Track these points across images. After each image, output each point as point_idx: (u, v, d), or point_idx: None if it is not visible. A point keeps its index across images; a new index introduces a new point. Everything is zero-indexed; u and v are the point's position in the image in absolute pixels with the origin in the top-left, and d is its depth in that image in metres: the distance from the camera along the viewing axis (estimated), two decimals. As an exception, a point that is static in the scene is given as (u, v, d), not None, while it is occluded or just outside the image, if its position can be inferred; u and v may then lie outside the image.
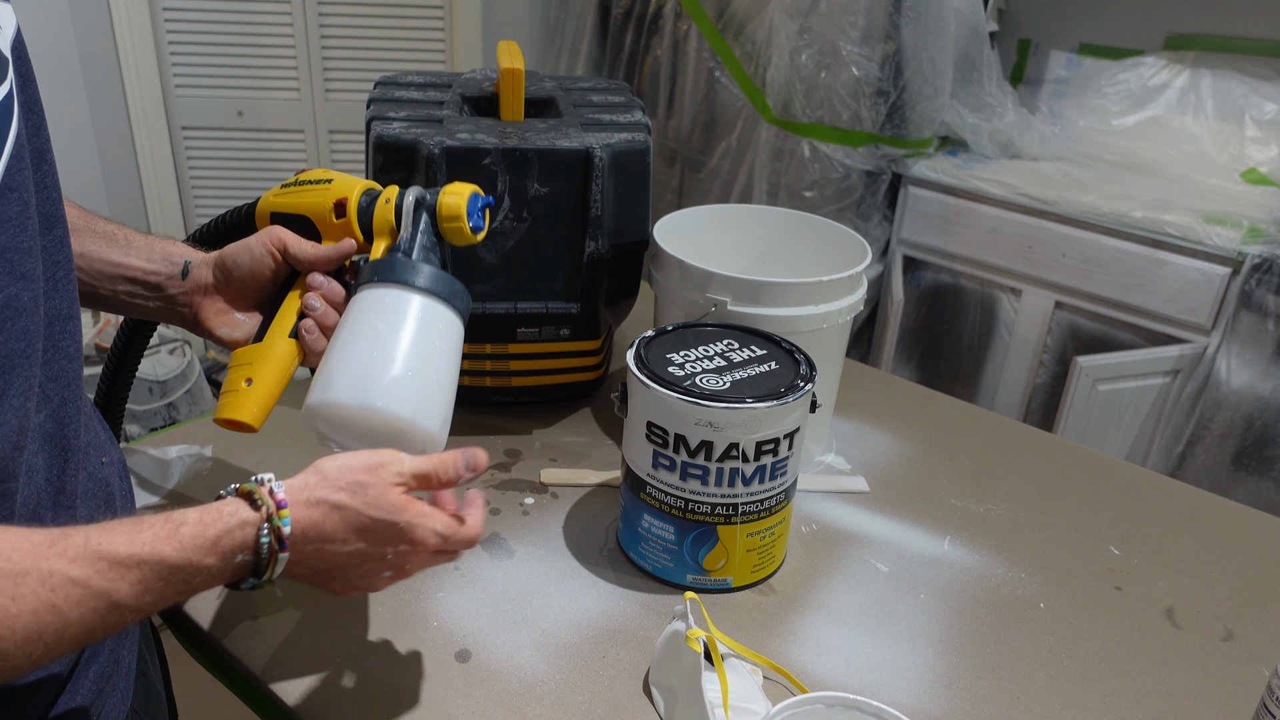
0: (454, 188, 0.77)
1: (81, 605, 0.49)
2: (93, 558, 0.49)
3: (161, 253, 0.79)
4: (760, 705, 0.73)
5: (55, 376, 0.59)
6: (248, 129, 2.71)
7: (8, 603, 0.46)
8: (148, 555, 0.51)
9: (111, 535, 0.51)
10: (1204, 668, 0.83)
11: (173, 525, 0.53)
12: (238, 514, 0.56)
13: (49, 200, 0.59)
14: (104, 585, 0.49)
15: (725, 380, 0.82)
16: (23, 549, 0.47)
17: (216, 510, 0.56)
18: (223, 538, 0.55)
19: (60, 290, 0.59)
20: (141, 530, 0.52)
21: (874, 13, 2.10)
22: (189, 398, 2.39)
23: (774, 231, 1.19)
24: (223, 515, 0.56)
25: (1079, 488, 1.08)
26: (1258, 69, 2.19)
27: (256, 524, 0.56)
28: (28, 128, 0.57)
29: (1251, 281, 1.86)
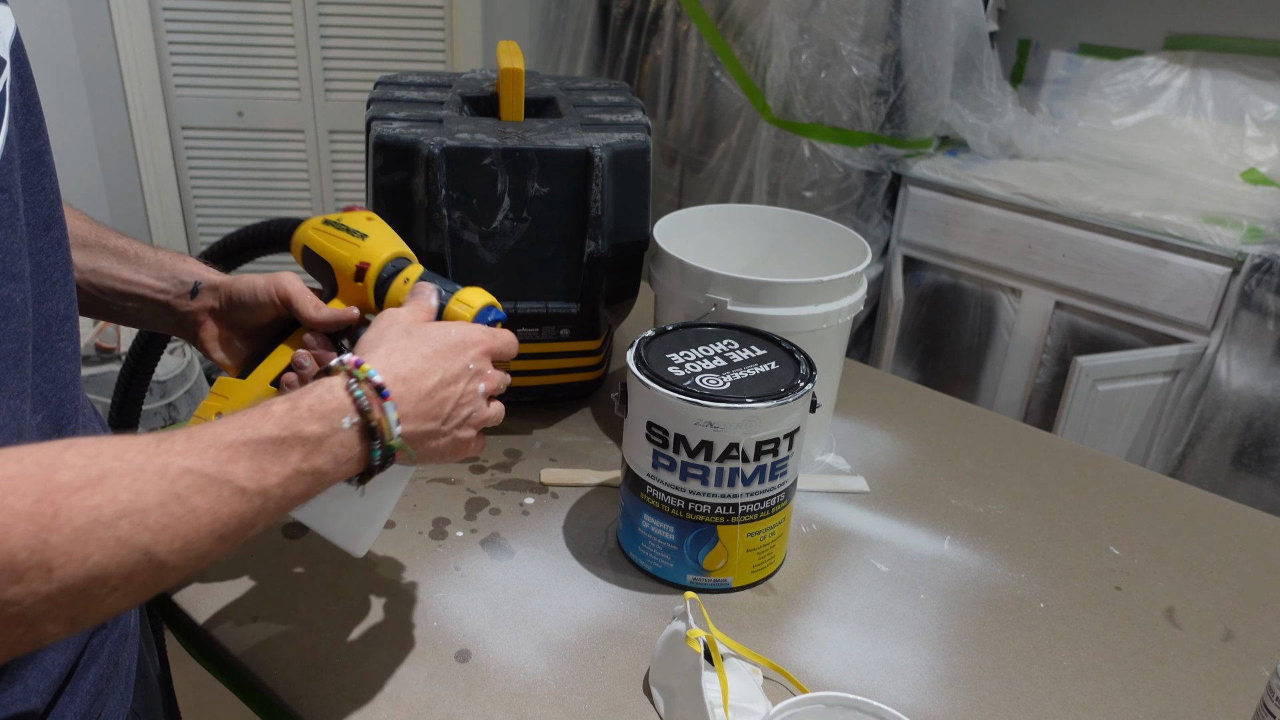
0: (468, 296, 0.76)
1: (205, 492, 0.49)
2: (201, 447, 0.50)
3: (172, 270, 0.80)
4: (760, 705, 0.73)
5: (52, 378, 0.59)
6: (248, 129, 2.71)
7: (134, 498, 0.46)
8: (250, 436, 0.52)
9: (210, 427, 0.52)
10: (1204, 668, 0.83)
11: (264, 408, 0.54)
12: (320, 381, 0.58)
13: (45, 202, 0.59)
14: (217, 469, 0.50)
15: (725, 380, 0.82)
16: (134, 448, 0.47)
17: (305, 387, 0.58)
18: (315, 404, 0.56)
19: (56, 292, 0.59)
20: (239, 418, 0.53)
21: (874, 13, 2.10)
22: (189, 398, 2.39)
23: (774, 231, 1.19)
24: (310, 388, 0.57)
25: (1079, 488, 1.08)
26: (1258, 69, 2.19)
27: (342, 381, 0.58)
28: (25, 129, 0.57)
29: (1251, 281, 1.86)
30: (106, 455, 0.47)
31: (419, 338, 0.65)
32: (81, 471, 0.45)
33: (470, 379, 0.66)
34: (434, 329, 0.67)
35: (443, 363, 0.64)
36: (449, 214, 1.00)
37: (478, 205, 1.00)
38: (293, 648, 0.78)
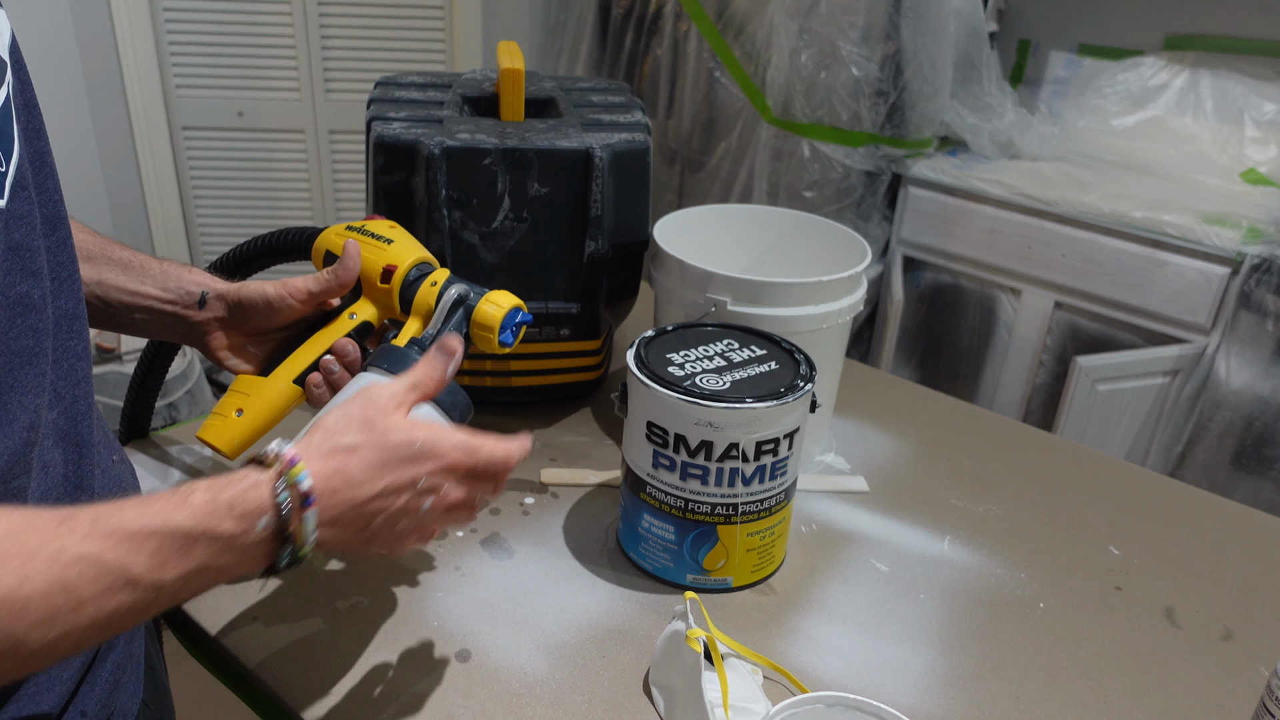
0: (498, 298, 0.77)
1: (96, 583, 0.47)
2: (103, 533, 0.48)
3: (177, 281, 0.79)
4: (760, 705, 0.73)
5: (65, 375, 0.59)
6: (248, 129, 2.71)
7: (18, 584, 0.44)
8: (159, 525, 0.49)
9: (121, 510, 0.49)
10: (1204, 667, 0.83)
11: (183, 494, 0.52)
12: (248, 475, 0.54)
13: (51, 202, 0.59)
14: (116, 559, 0.48)
15: (725, 380, 0.82)
16: (31, 528, 0.46)
17: (227, 476, 0.54)
18: (236, 501, 0.53)
19: (66, 291, 0.60)
20: (152, 503, 0.51)
21: (874, 13, 2.10)
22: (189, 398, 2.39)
23: (774, 231, 1.19)
24: (233, 479, 0.54)
25: (1079, 488, 1.08)
26: (1258, 69, 2.19)
27: (269, 481, 0.54)
28: (28, 131, 0.57)
29: (1251, 281, 1.86)
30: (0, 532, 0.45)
31: (375, 440, 0.59)
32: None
33: (415, 495, 0.61)
34: (398, 431, 0.60)
35: (389, 474, 0.59)
36: (449, 214, 1.00)
37: (478, 205, 1.00)
38: (293, 648, 0.78)
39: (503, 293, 0.77)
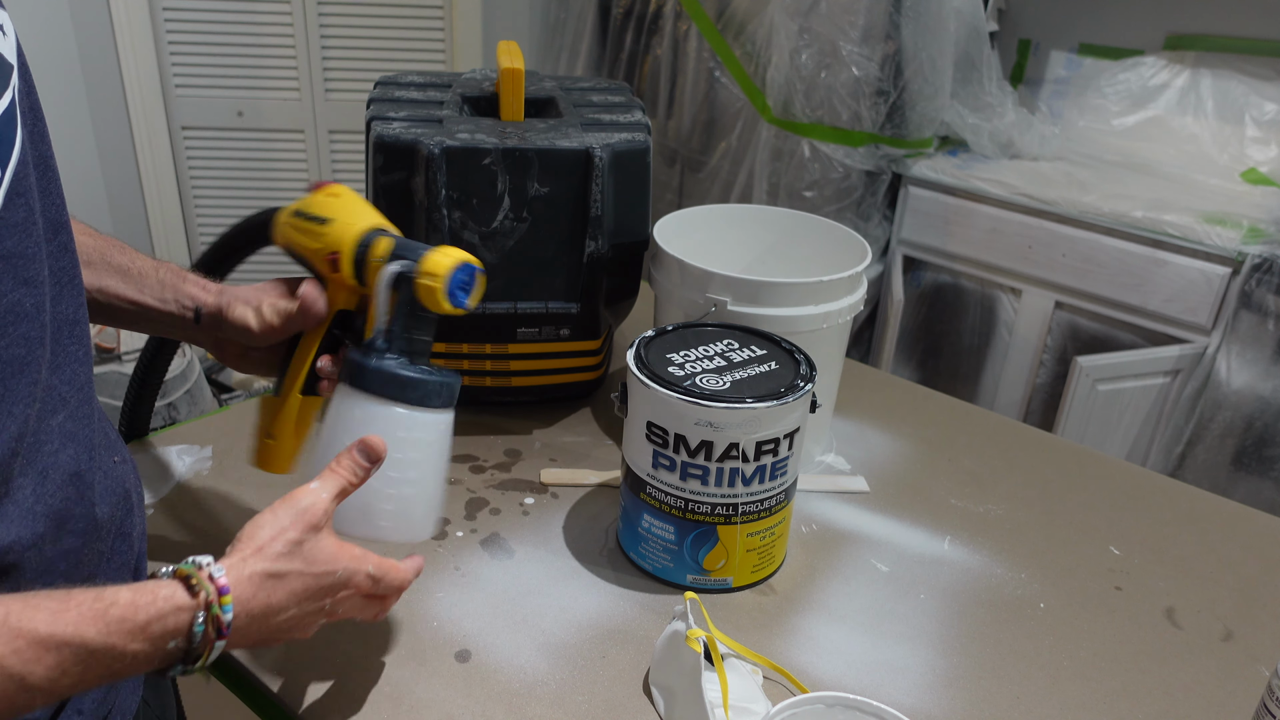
0: (433, 264, 0.71)
1: (6, 687, 0.46)
2: (11, 635, 0.47)
3: (174, 292, 0.79)
4: (760, 705, 0.73)
5: (69, 380, 0.59)
6: (248, 129, 2.71)
7: None
8: (70, 636, 0.49)
9: (34, 611, 0.48)
10: (1204, 667, 0.83)
11: (102, 605, 0.51)
12: (172, 598, 0.54)
13: (53, 206, 0.59)
14: (18, 667, 0.47)
15: (725, 380, 0.82)
16: None
17: (151, 592, 0.53)
18: (153, 622, 0.52)
19: (67, 295, 0.60)
20: (68, 608, 0.49)
21: (874, 13, 2.10)
22: (189, 398, 2.39)
23: (774, 231, 1.19)
24: (156, 598, 0.53)
25: (1079, 488, 1.08)
26: (1258, 69, 2.19)
27: (192, 610, 0.54)
28: (34, 134, 0.57)
29: (1251, 281, 1.86)
30: None
31: (302, 569, 0.61)
32: None
33: (321, 612, 0.63)
34: (322, 559, 0.62)
35: (308, 601, 0.61)
36: (449, 214, 1.00)
37: (478, 205, 1.00)
38: (293, 648, 0.78)
39: (440, 251, 0.71)
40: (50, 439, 0.58)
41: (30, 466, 0.56)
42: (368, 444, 0.66)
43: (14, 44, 0.56)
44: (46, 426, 0.57)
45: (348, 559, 0.63)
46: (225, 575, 0.56)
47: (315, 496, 0.63)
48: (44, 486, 0.56)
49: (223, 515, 0.94)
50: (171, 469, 1.00)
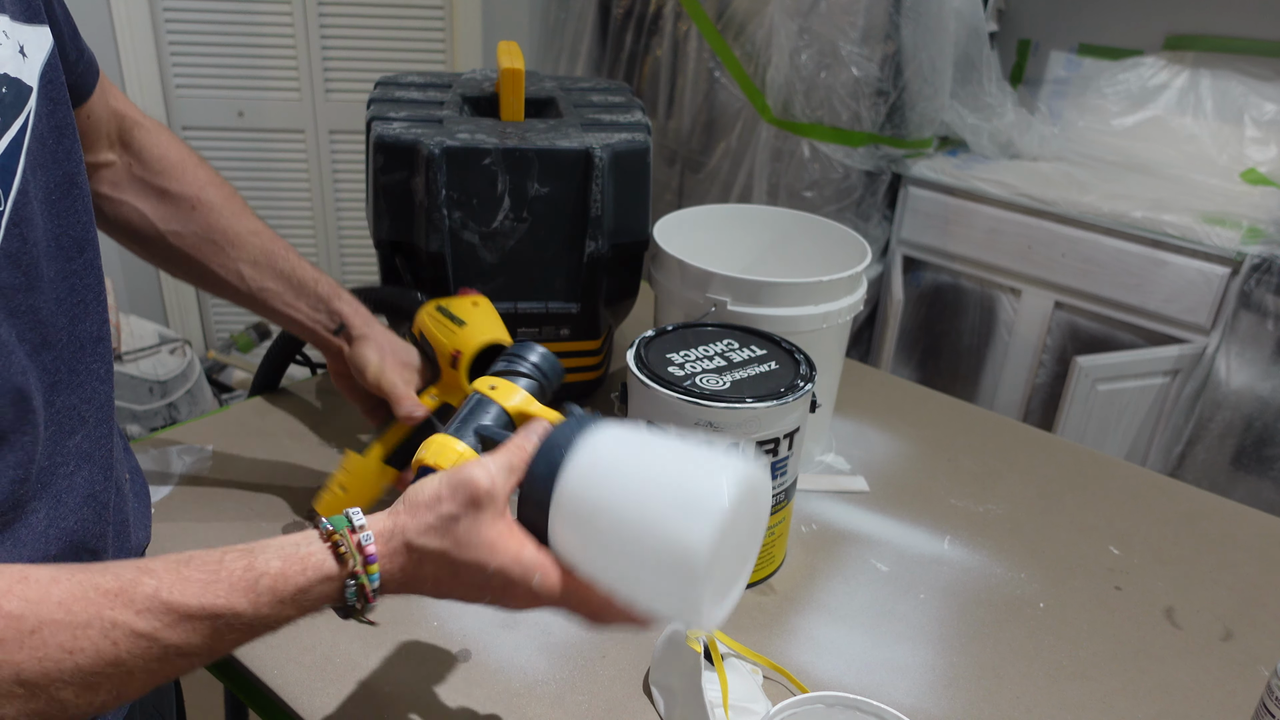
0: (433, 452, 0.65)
1: (148, 657, 0.46)
2: (161, 609, 0.47)
3: (327, 306, 0.88)
4: (760, 705, 0.73)
5: (89, 398, 0.60)
6: (248, 129, 2.71)
7: (64, 656, 0.44)
8: (222, 608, 0.48)
9: (185, 584, 0.48)
10: (1203, 667, 0.83)
11: (252, 576, 0.50)
12: (321, 567, 0.52)
13: (78, 225, 0.60)
14: (172, 639, 0.47)
15: (725, 380, 0.82)
16: (85, 599, 0.45)
17: (300, 560, 0.52)
18: (302, 593, 0.52)
19: (90, 314, 0.60)
20: (218, 579, 0.49)
21: (874, 13, 2.10)
22: (189, 398, 2.39)
23: (774, 231, 1.19)
24: (306, 568, 0.52)
25: (1079, 488, 1.08)
26: (1258, 69, 2.19)
27: (340, 579, 0.52)
28: (57, 153, 0.57)
29: (1251, 281, 1.86)
30: (50, 603, 0.44)
31: (451, 551, 0.54)
32: (15, 623, 0.43)
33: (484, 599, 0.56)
34: (475, 548, 0.54)
35: (453, 589, 0.56)
36: (449, 214, 1.00)
37: (478, 205, 1.00)
38: (293, 648, 0.78)
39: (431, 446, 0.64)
40: (67, 461, 0.58)
41: (45, 490, 0.55)
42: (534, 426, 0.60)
43: (39, 66, 0.56)
44: (63, 448, 0.57)
45: (507, 558, 0.54)
46: (374, 544, 0.53)
47: (484, 466, 0.55)
48: (58, 510, 0.56)
49: (223, 515, 0.94)
50: (171, 469, 1.00)
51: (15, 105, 0.54)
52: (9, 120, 0.53)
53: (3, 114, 0.52)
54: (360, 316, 0.88)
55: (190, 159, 0.84)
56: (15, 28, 0.55)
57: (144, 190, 0.82)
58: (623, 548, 0.54)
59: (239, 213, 0.85)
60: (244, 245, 0.84)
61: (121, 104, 0.80)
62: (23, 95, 0.54)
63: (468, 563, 0.54)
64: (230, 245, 0.84)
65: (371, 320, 0.89)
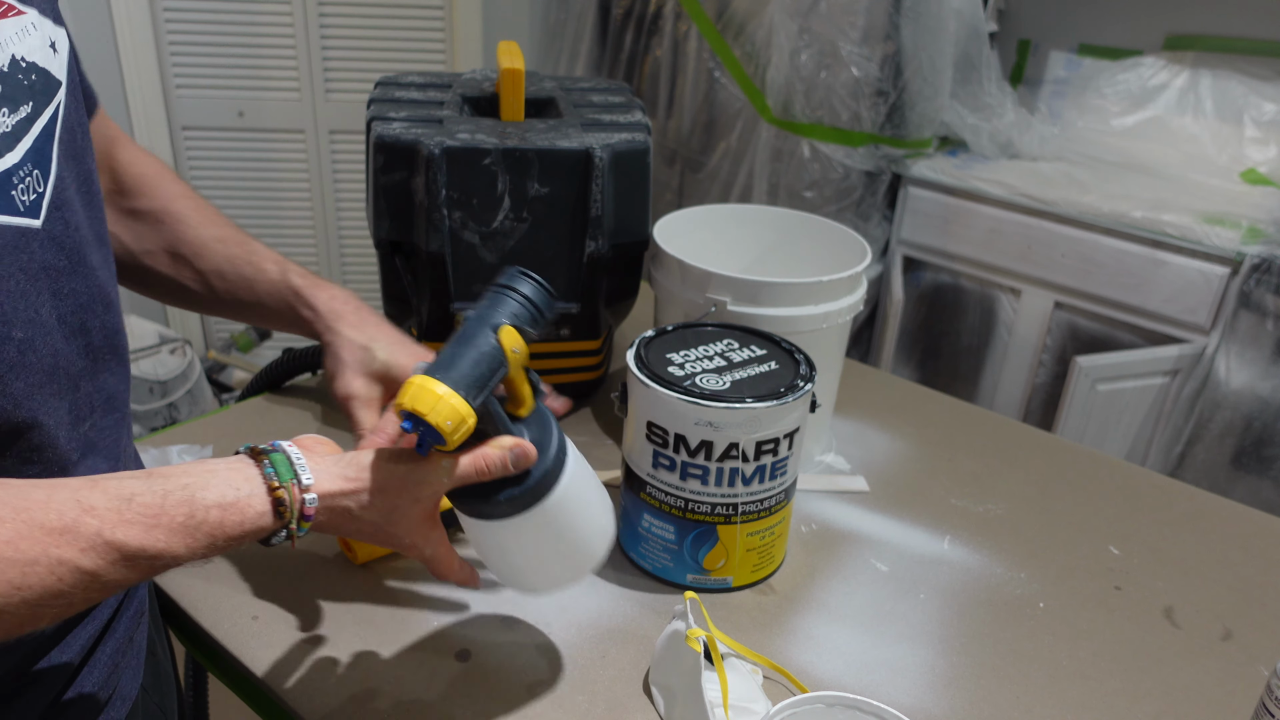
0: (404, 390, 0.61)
1: (89, 589, 0.49)
2: (105, 548, 0.49)
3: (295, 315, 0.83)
4: (760, 705, 0.73)
5: (101, 388, 0.61)
6: (248, 129, 2.71)
7: (12, 592, 0.46)
8: (161, 549, 0.51)
9: (128, 526, 0.50)
10: (1203, 667, 0.83)
11: (193, 523, 0.52)
12: (259, 521, 0.55)
13: (100, 220, 0.62)
14: (112, 576, 0.50)
15: (725, 380, 0.82)
16: (31, 538, 0.47)
17: (239, 512, 0.54)
18: (234, 542, 0.55)
19: (114, 308, 0.62)
20: (159, 523, 0.51)
21: (874, 13, 2.10)
22: (189, 398, 2.39)
23: (774, 231, 1.19)
24: (244, 519, 0.55)
25: (1079, 488, 1.08)
26: (1258, 69, 2.19)
27: (274, 529, 0.56)
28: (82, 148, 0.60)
29: (1250, 281, 1.86)
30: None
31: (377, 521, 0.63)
32: None
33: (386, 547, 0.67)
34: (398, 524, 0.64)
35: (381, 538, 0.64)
36: (449, 214, 1.00)
37: (478, 205, 1.00)
38: (293, 647, 0.78)
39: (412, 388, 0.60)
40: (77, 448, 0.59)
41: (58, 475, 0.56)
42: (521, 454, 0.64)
43: (65, 60, 0.58)
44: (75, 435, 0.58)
45: (421, 536, 0.65)
46: (316, 505, 0.58)
47: (435, 476, 0.62)
48: None
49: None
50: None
51: (45, 94, 0.55)
52: (41, 107, 0.54)
53: (34, 100, 0.54)
54: (324, 319, 0.81)
55: (164, 174, 0.82)
56: (44, 23, 0.56)
57: (118, 214, 0.80)
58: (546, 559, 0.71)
59: (206, 222, 0.82)
60: (210, 254, 0.81)
61: (112, 129, 0.80)
62: (52, 87, 0.56)
63: (391, 533, 0.63)
64: (197, 256, 0.80)
65: (338, 315, 0.81)
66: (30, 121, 0.53)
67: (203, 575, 0.85)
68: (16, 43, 0.54)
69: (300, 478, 0.57)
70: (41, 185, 0.53)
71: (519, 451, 0.63)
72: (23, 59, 0.54)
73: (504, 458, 0.63)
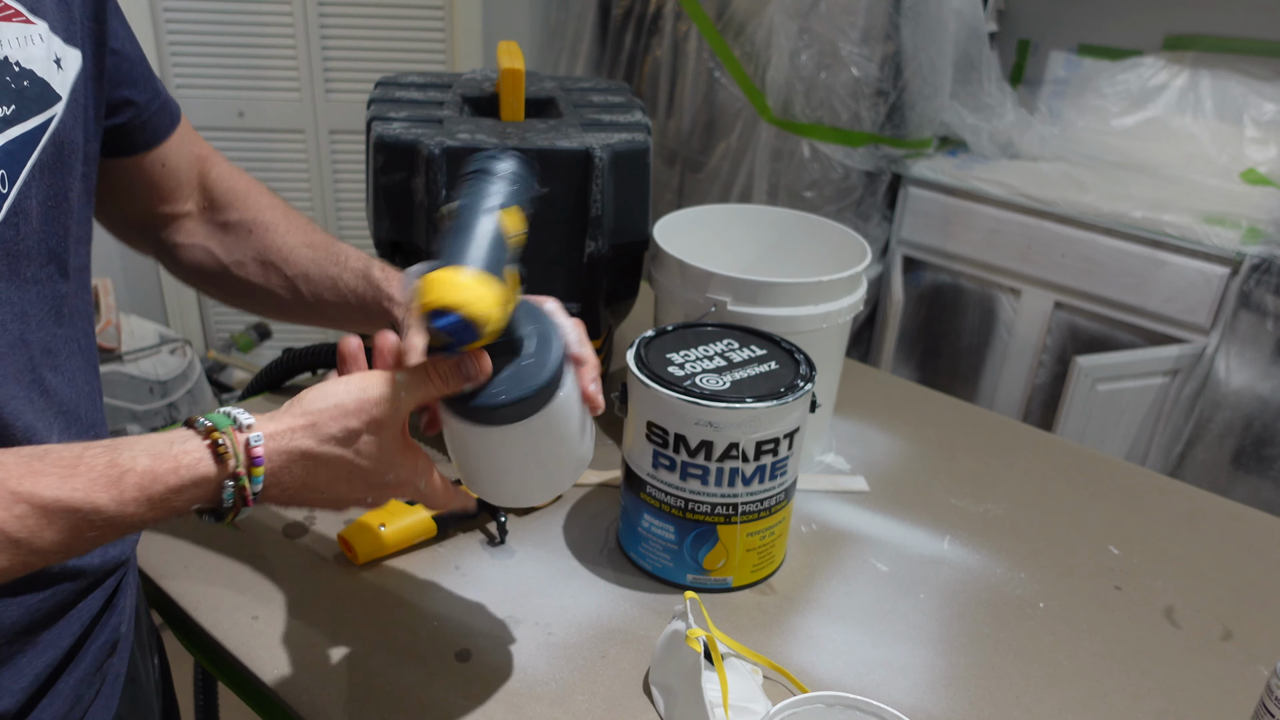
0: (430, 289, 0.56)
1: (12, 554, 0.44)
2: (10, 499, 0.44)
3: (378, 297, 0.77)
4: (760, 705, 0.73)
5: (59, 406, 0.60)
6: (248, 129, 2.71)
7: None
8: (79, 502, 0.45)
9: (39, 476, 0.45)
10: (1203, 667, 0.83)
11: (116, 471, 0.47)
12: (196, 468, 0.49)
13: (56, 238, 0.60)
14: (21, 533, 0.44)
15: (725, 380, 0.82)
16: None
17: (173, 459, 0.49)
18: (172, 495, 0.48)
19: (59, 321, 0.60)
20: (77, 471, 0.46)
21: (874, 13, 2.10)
22: (190, 398, 2.39)
23: (774, 231, 1.19)
24: (179, 466, 0.49)
25: (1079, 488, 1.08)
26: (1257, 69, 2.19)
27: (218, 481, 0.50)
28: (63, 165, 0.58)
29: (1250, 281, 1.86)
30: None
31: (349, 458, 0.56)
32: None
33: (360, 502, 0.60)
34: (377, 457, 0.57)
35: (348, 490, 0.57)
36: (449, 214, 1.00)
37: (478, 205, 1.00)
38: (293, 648, 0.78)
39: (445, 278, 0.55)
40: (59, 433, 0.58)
41: None
42: (471, 361, 0.58)
43: (72, 79, 0.57)
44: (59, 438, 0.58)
45: (407, 469, 0.59)
46: (263, 444, 0.51)
47: (391, 391, 0.56)
48: None
49: (223, 515, 0.94)
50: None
51: (37, 103, 0.54)
52: (27, 114, 0.53)
53: (22, 105, 0.53)
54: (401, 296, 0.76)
55: (254, 187, 0.82)
56: (53, 39, 0.56)
57: (211, 229, 0.80)
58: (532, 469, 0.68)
59: (294, 229, 0.80)
60: (297, 258, 0.79)
61: (202, 148, 0.79)
62: (48, 98, 0.55)
63: (368, 470, 0.56)
64: (285, 262, 0.79)
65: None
66: (7, 123, 0.52)
67: (203, 576, 0.85)
68: (13, 47, 0.53)
69: (239, 420, 0.52)
70: (5, 187, 0.52)
71: (471, 360, 0.58)
72: (16, 63, 0.53)
73: (457, 367, 0.58)
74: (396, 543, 0.88)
